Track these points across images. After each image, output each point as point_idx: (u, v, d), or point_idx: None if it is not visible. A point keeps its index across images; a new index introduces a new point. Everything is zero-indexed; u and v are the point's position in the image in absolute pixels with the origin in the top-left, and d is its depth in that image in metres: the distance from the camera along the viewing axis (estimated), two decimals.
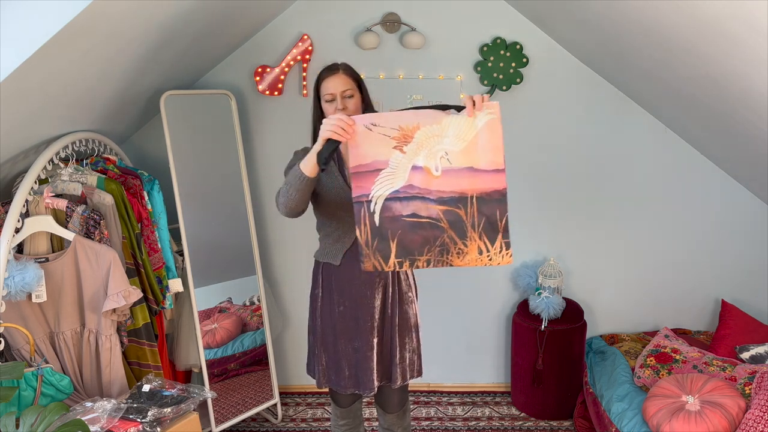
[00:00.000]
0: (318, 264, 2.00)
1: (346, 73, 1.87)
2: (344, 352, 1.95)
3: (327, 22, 2.74)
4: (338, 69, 1.86)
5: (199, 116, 2.64)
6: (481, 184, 1.58)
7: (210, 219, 2.65)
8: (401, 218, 1.60)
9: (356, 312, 1.93)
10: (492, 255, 1.63)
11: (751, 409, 1.98)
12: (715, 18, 1.58)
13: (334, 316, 1.95)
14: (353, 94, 1.85)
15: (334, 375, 1.98)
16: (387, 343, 1.97)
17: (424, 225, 1.61)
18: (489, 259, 1.63)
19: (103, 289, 2.05)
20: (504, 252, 1.63)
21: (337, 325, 1.95)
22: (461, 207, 1.59)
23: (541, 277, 2.84)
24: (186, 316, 2.65)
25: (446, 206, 1.59)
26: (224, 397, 2.66)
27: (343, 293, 1.93)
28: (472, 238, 1.62)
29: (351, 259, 1.88)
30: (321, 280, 1.97)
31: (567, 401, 2.84)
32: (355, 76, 1.88)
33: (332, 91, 1.83)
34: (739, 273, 2.97)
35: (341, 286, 1.93)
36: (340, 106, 1.82)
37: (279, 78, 2.76)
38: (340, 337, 1.95)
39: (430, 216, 1.61)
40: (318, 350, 1.99)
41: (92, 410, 1.78)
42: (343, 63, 1.89)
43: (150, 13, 1.82)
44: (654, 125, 2.84)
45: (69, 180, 2.14)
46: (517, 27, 2.73)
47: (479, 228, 1.61)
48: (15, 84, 1.56)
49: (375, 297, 1.93)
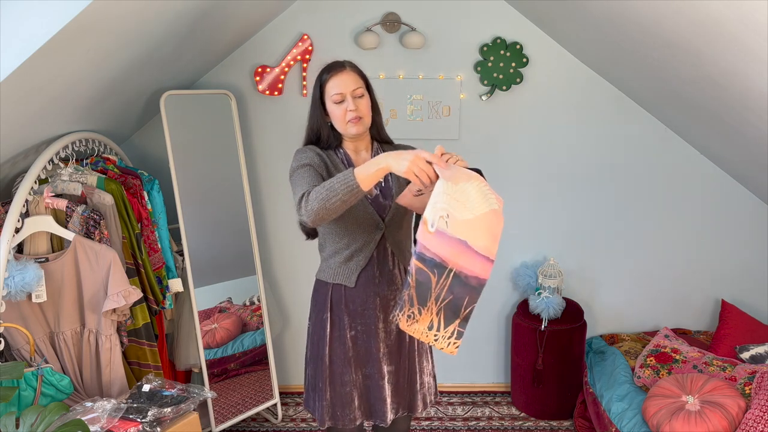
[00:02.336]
0: (325, 285, 1.79)
1: (354, 70, 1.71)
2: (354, 382, 1.78)
3: (327, 22, 2.74)
4: (345, 66, 1.70)
5: (199, 116, 2.64)
6: (466, 262, 1.42)
7: (210, 219, 2.65)
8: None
9: (369, 337, 1.77)
10: (440, 336, 1.46)
11: (751, 409, 1.98)
12: (715, 18, 1.58)
13: (346, 342, 1.77)
14: (363, 93, 1.69)
15: (340, 410, 1.78)
16: (404, 371, 1.82)
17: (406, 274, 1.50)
18: (435, 339, 1.46)
19: (103, 289, 2.05)
20: (453, 340, 1.47)
21: (349, 352, 1.77)
22: (436, 273, 1.41)
23: (541, 277, 2.84)
24: (186, 316, 2.65)
25: (424, 266, 1.40)
26: (224, 397, 2.66)
27: (355, 317, 1.76)
28: (430, 310, 1.44)
29: (365, 280, 1.74)
30: (330, 304, 1.77)
31: (567, 401, 2.84)
32: (362, 75, 1.73)
33: (341, 90, 1.66)
34: (739, 273, 2.97)
35: (354, 310, 1.76)
36: (351, 107, 1.66)
37: (279, 78, 2.76)
38: (350, 366, 1.77)
39: (409, 266, 1.44)
40: (322, 383, 1.79)
41: (92, 410, 1.78)
42: (348, 60, 1.73)
43: (150, 13, 1.82)
44: (654, 125, 2.84)
45: (69, 180, 2.14)
46: (517, 27, 2.73)
47: (441, 303, 1.43)
48: (15, 84, 1.55)
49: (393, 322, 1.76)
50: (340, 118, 1.68)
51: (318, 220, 1.51)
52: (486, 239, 1.43)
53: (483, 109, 2.82)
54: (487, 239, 1.43)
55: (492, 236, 1.44)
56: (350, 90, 1.66)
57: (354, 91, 1.66)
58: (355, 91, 1.67)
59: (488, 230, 1.44)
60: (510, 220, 1.65)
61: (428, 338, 1.46)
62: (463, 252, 1.41)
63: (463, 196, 1.41)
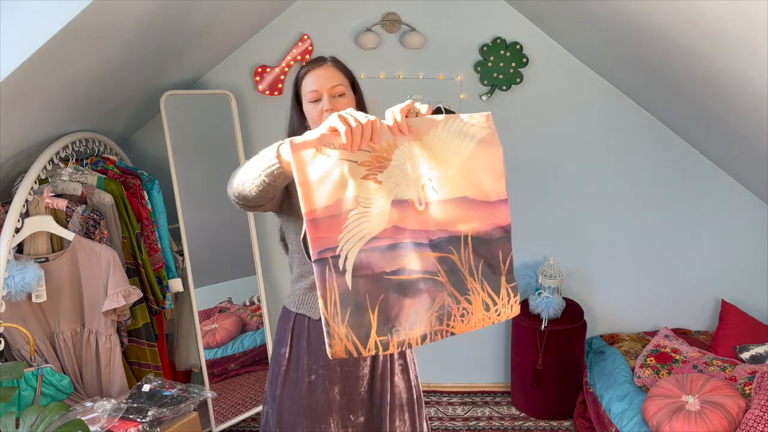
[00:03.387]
0: (288, 314, 1.52)
1: (336, 66, 1.46)
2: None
3: (327, 22, 2.73)
4: (325, 61, 1.46)
5: (199, 116, 2.64)
6: (478, 219, 1.20)
7: (210, 219, 2.65)
8: (384, 277, 1.13)
9: (333, 384, 1.47)
10: (500, 308, 1.23)
11: (751, 409, 1.98)
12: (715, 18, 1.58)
13: (302, 388, 1.47)
14: (345, 92, 1.44)
15: None
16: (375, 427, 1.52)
17: (417, 283, 1.15)
18: (497, 314, 1.23)
19: (103, 289, 2.05)
20: (513, 300, 1.25)
21: (303, 401, 1.46)
22: (453, 251, 1.18)
23: (541, 277, 2.84)
24: (186, 316, 2.65)
25: (440, 252, 1.17)
26: (224, 397, 2.66)
27: (318, 357, 1.46)
28: (475, 291, 1.21)
29: None
30: (290, 338, 1.49)
31: (567, 401, 2.84)
32: (347, 72, 1.48)
33: (317, 87, 1.41)
34: (739, 273, 2.96)
35: (317, 348, 1.46)
36: (327, 106, 1.40)
37: (279, 78, 2.76)
38: (304, 418, 1.46)
39: (426, 269, 1.16)
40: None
41: (92, 410, 1.78)
42: (331, 56, 1.50)
43: (150, 13, 1.82)
44: (654, 125, 2.84)
45: (69, 180, 2.14)
46: (517, 27, 2.73)
47: (479, 275, 1.21)
48: (15, 84, 1.55)
49: (361, 364, 1.48)
50: (315, 120, 1.42)
51: (243, 202, 1.26)
52: (485, 181, 1.20)
53: (483, 109, 2.82)
54: (486, 180, 1.20)
55: (491, 172, 1.21)
56: (327, 87, 1.41)
57: (332, 89, 1.41)
58: (333, 88, 1.41)
59: (484, 169, 1.20)
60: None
61: (491, 320, 1.24)
62: (467, 209, 1.19)
63: (436, 149, 1.17)
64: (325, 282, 1.09)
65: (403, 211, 1.15)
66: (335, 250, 1.10)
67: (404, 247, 1.15)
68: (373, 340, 1.13)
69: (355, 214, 1.11)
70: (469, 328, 1.23)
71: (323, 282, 1.09)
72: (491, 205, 1.20)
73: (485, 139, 1.20)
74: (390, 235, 1.14)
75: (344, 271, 1.10)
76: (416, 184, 1.16)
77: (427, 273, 1.16)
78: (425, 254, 1.16)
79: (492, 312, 1.23)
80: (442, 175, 1.17)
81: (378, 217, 1.13)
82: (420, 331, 1.17)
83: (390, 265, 1.14)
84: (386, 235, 1.14)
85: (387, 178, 1.14)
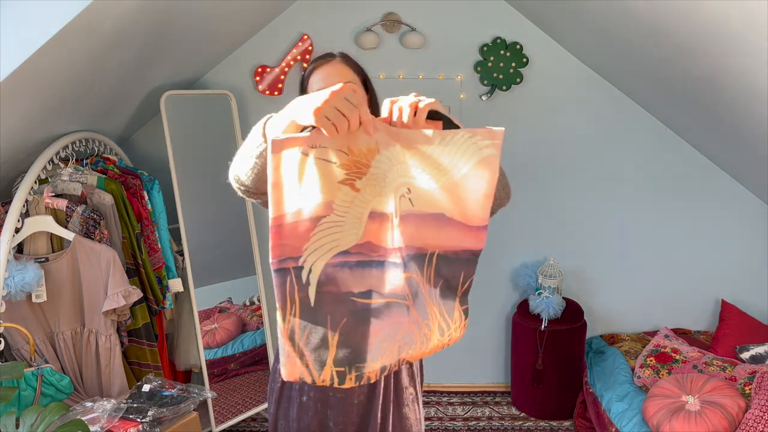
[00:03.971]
0: None
1: (346, 62, 1.36)
2: None
3: (327, 22, 2.73)
4: (333, 57, 1.35)
5: (199, 116, 2.64)
6: (449, 239, 1.04)
7: (210, 219, 2.65)
8: (351, 298, 1.00)
9: (326, 408, 1.33)
10: (452, 332, 1.11)
11: (751, 409, 1.98)
12: (715, 18, 1.58)
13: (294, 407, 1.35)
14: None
15: None
16: None
17: (384, 308, 1.03)
18: (449, 338, 1.12)
19: (103, 289, 2.05)
20: (463, 323, 1.12)
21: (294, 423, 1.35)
22: (417, 270, 1.04)
23: (541, 277, 2.84)
24: (186, 316, 2.65)
25: (408, 272, 1.03)
26: (224, 397, 2.66)
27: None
28: (433, 315, 1.08)
29: None
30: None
31: (567, 401, 2.84)
32: (357, 69, 1.38)
33: (324, 86, 1.29)
34: (739, 273, 2.96)
35: None
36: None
37: (279, 78, 2.76)
38: None
39: (395, 292, 1.03)
40: None
41: (92, 410, 1.78)
42: (341, 52, 1.39)
43: (149, 13, 1.82)
44: (654, 125, 2.83)
45: (69, 180, 2.14)
46: (517, 27, 2.73)
47: (436, 297, 1.08)
48: (15, 84, 1.55)
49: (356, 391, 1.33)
50: None
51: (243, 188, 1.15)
52: (471, 203, 1.03)
53: (483, 109, 2.82)
54: (472, 203, 1.03)
55: (481, 196, 1.03)
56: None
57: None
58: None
59: (473, 191, 1.02)
60: (510, 220, 1.51)
61: (443, 345, 1.13)
62: (440, 227, 1.04)
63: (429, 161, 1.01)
64: (285, 293, 0.98)
65: (380, 226, 1.01)
66: (298, 260, 0.97)
67: (376, 266, 1.02)
68: (329, 369, 1.00)
69: (327, 222, 0.97)
70: (422, 355, 1.12)
71: (283, 293, 0.98)
72: (469, 230, 1.05)
73: (486, 160, 1.02)
74: (362, 251, 1.00)
75: (308, 284, 0.98)
76: (396, 195, 1.02)
77: (395, 297, 1.03)
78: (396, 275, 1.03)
79: (445, 337, 1.11)
80: (425, 187, 1.02)
81: (352, 228, 0.99)
82: (380, 363, 1.04)
83: (358, 284, 1.00)
84: (358, 250, 1.00)
85: (365, 186, 1.00)
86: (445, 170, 1.01)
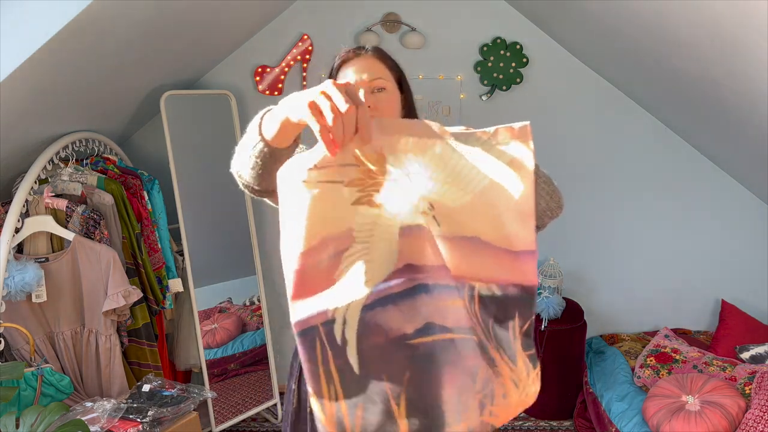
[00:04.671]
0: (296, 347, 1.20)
1: (378, 56, 1.19)
2: None
3: (327, 22, 2.73)
4: (365, 51, 1.20)
5: (199, 116, 2.64)
6: (488, 269, 0.83)
7: (210, 219, 2.65)
8: (406, 342, 0.78)
9: None
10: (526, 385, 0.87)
11: (751, 409, 1.98)
12: (715, 18, 1.58)
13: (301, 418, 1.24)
14: (386, 86, 1.15)
15: None
16: None
17: (449, 348, 0.80)
18: (525, 393, 0.87)
19: (103, 289, 2.05)
20: (533, 373, 0.87)
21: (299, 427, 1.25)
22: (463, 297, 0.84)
23: (541, 277, 2.84)
24: (186, 316, 2.65)
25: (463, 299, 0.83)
26: (224, 397, 2.66)
27: None
28: (498, 361, 0.84)
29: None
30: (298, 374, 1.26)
31: (567, 401, 2.84)
32: (391, 64, 1.20)
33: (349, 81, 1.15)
34: (739, 273, 2.96)
35: None
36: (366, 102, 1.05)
37: (279, 78, 2.76)
38: None
39: (458, 323, 0.80)
40: None
41: (92, 410, 1.78)
42: (374, 46, 1.23)
43: (149, 13, 1.82)
44: (654, 125, 2.84)
45: (69, 180, 2.14)
46: (517, 27, 2.73)
47: (493, 339, 0.84)
48: (15, 84, 1.55)
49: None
50: None
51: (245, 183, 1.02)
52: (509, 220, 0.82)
53: (483, 109, 2.82)
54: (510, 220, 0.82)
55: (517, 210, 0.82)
56: (367, 79, 1.14)
57: (372, 82, 1.14)
58: (373, 81, 1.14)
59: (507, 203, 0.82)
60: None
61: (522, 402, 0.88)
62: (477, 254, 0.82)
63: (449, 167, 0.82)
64: (317, 365, 0.74)
65: (418, 241, 0.80)
66: (327, 313, 0.75)
67: (426, 291, 0.79)
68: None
69: (351, 254, 0.77)
70: (507, 416, 0.87)
71: (314, 366, 0.74)
72: (513, 256, 0.82)
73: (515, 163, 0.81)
74: (405, 276, 0.79)
75: (344, 344, 0.75)
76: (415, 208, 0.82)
77: (461, 330, 0.79)
78: (452, 299, 0.80)
79: (521, 390, 0.85)
80: (450, 203, 0.82)
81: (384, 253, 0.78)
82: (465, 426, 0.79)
83: (412, 321, 0.78)
84: (399, 276, 0.78)
85: (387, 199, 0.80)
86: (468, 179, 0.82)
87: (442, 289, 0.80)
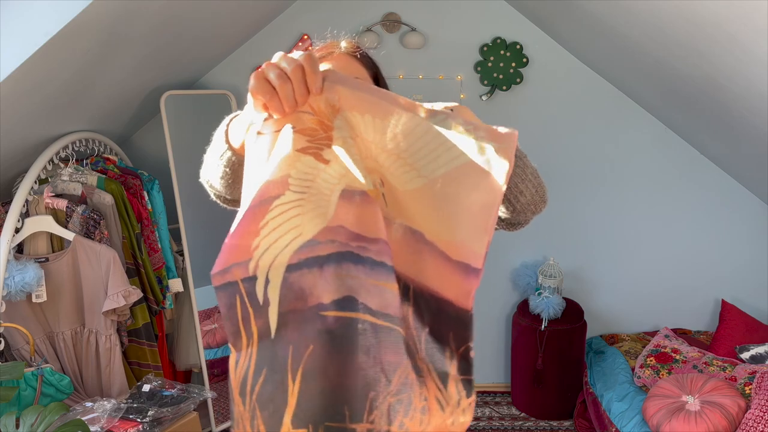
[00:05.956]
0: None
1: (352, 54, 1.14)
2: None
3: (327, 22, 2.71)
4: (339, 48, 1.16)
5: (199, 116, 2.64)
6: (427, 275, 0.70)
7: (210, 219, 2.64)
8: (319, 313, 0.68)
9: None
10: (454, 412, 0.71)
11: (751, 409, 1.98)
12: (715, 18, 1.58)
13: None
14: None
15: None
16: None
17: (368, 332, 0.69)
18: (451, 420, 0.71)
19: (103, 289, 2.05)
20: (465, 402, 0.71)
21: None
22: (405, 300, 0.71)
23: (541, 277, 2.84)
24: (186, 316, 2.65)
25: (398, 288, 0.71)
26: (224, 397, 2.66)
27: None
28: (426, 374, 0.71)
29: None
30: None
31: (567, 401, 2.84)
32: (366, 62, 1.14)
33: None
34: (739, 273, 2.96)
35: None
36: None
37: None
38: None
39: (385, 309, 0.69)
40: None
41: (92, 410, 1.78)
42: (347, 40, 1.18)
43: (149, 13, 1.82)
44: (654, 125, 2.84)
45: (69, 180, 2.14)
46: (517, 27, 2.73)
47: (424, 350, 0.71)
48: (15, 84, 1.55)
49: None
50: None
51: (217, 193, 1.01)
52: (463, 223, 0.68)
53: (483, 109, 2.82)
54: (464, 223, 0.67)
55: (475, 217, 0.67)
56: None
57: None
58: None
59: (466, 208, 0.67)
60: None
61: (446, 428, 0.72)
62: (418, 252, 0.70)
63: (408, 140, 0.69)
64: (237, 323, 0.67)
65: (360, 209, 0.68)
66: (248, 266, 0.67)
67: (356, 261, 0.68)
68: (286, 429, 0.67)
69: (281, 203, 0.67)
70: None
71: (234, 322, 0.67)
72: (455, 268, 0.68)
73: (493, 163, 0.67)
74: (336, 238, 0.68)
75: (267, 303, 0.67)
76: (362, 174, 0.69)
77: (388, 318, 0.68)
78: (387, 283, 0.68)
79: (447, 414, 0.71)
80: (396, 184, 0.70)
81: (318, 208, 0.68)
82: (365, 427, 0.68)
83: (331, 290, 0.67)
84: (329, 237, 0.68)
85: (336, 158, 0.70)
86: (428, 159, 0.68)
87: (376, 265, 0.68)
